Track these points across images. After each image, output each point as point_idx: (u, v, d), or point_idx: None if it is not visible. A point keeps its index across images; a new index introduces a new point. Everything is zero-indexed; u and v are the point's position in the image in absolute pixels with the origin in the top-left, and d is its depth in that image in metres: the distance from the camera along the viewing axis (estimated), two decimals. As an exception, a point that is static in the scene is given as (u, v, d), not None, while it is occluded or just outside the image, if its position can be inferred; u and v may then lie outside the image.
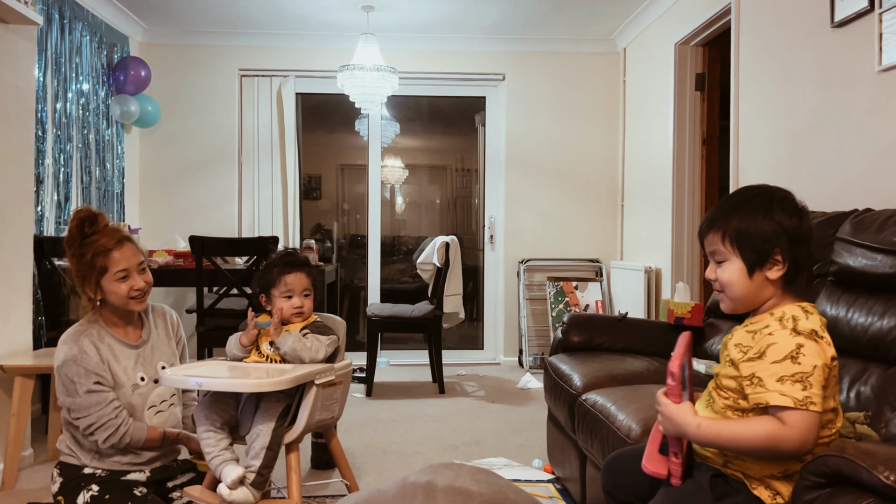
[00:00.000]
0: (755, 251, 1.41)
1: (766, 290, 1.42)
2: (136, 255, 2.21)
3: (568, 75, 5.52)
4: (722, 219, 1.45)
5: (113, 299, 2.17)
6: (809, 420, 1.28)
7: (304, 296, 2.25)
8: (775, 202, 1.43)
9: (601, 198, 5.54)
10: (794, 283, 1.42)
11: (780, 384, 1.30)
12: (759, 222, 1.41)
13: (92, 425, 2.08)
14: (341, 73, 4.57)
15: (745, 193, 1.49)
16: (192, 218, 5.25)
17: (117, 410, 2.11)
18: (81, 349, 2.12)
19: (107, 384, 2.13)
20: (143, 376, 2.21)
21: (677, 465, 1.43)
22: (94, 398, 2.08)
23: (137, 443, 2.15)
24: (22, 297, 3.05)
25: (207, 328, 3.82)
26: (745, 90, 3.51)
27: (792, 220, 1.41)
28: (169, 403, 2.27)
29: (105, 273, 2.14)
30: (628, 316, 3.16)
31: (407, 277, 6.85)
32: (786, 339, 1.33)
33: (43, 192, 3.83)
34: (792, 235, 1.40)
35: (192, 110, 5.31)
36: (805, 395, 1.28)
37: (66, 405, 2.12)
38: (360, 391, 4.44)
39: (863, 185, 2.63)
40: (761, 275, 1.41)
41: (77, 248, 2.16)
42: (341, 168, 7.45)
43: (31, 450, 3.05)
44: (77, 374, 2.09)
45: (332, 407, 2.18)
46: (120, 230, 2.23)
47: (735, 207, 1.45)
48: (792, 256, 1.40)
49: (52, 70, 3.96)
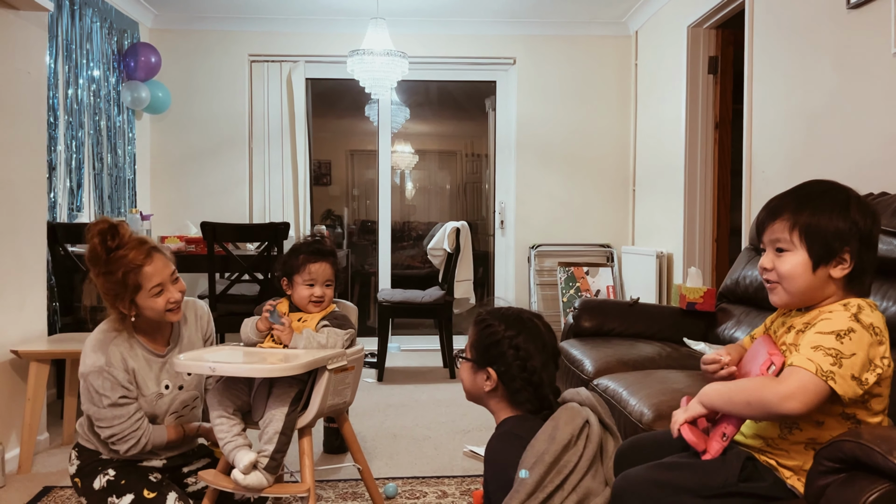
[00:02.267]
0: (825, 247, 1.36)
1: (826, 288, 1.39)
2: (167, 265, 2.12)
3: (579, 59, 5.48)
4: (792, 209, 1.40)
5: (149, 314, 2.10)
6: (814, 385, 1.24)
7: (326, 286, 2.24)
8: (852, 200, 1.39)
9: (612, 182, 5.51)
10: (856, 285, 1.39)
11: (814, 351, 1.27)
12: (834, 218, 1.36)
13: (114, 436, 2.07)
14: (351, 58, 4.55)
15: (820, 186, 1.44)
16: (203, 204, 5.27)
17: (139, 422, 2.09)
18: (109, 361, 2.07)
19: (131, 396, 2.10)
20: (167, 384, 2.19)
21: (721, 445, 1.42)
22: (117, 411, 2.06)
23: (159, 446, 2.14)
24: (36, 283, 3.07)
25: (220, 314, 3.83)
26: (759, 73, 3.47)
27: (867, 222, 1.38)
28: (191, 408, 2.26)
29: (139, 290, 2.05)
30: (640, 301, 3.15)
31: (417, 263, 6.86)
32: (841, 319, 1.31)
33: (55, 178, 3.84)
34: (864, 236, 1.37)
35: (202, 96, 5.31)
36: (830, 370, 1.24)
37: (90, 413, 2.09)
38: (371, 376, 4.46)
39: (877, 169, 2.61)
40: (825, 271, 1.37)
41: (103, 266, 2.04)
42: (351, 153, 7.44)
43: (46, 434, 3.09)
44: (103, 387, 2.05)
45: (345, 392, 2.19)
46: (146, 240, 2.13)
47: (808, 199, 1.40)
48: (859, 257, 1.37)
49: (63, 57, 3.96)
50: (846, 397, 1.26)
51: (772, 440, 1.41)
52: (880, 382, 1.31)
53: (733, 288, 2.97)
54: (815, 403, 1.25)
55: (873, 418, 1.33)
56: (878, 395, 1.33)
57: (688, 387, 2.11)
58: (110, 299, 2.08)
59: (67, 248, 3.53)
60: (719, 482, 1.37)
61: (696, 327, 3.01)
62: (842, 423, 1.33)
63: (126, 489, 2.07)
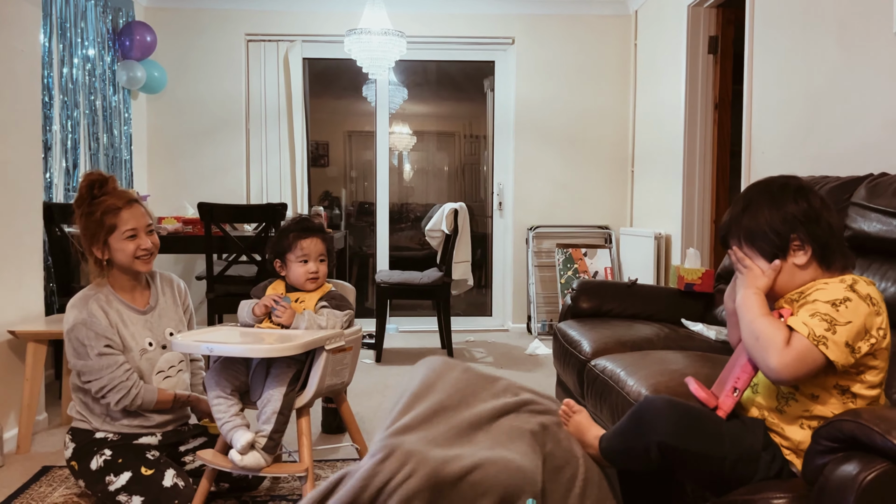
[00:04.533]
0: (772, 245, 1.41)
1: (802, 275, 1.42)
2: (144, 216, 2.24)
3: (578, 39, 5.43)
4: (734, 226, 1.47)
5: (120, 257, 2.19)
6: (809, 354, 1.28)
7: (320, 261, 2.25)
8: (776, 192, 1.44)
9: (611, 164, 5.49)
10: (830, 259, 1.41)
11: (810, 317, 1.31)
12: (766, 217, 1.42)
13: (104, 388, 2.10)
14: (348, 38, 4.51)
15: (748, 193, 1.50)
16: (200, 185, 5.24)
17: (129, 373, 2.13)
18: (91, 313, 2.14)
19: (116, 347, 2.15)
20: (150, 341, 2.23)
21: (732, 401, 1.43)
22: (104, 361, 2.10)
23: (149, 404, 2.17)
24: (33, 263, 3.06)
25: (217, 295, 3.83)
26: (760, 52, 3.45)
27: (799, 204, 1.41)
28: (177, 369, 2.29)
29: (114, 231, 2.17)
30: (638, 282, 3.15)
31: (415, 244, 6.84)
32: (837, 289, 1.34)
33: (51, 158, 3.82)
34: (804, 218, 1.40)
35: (198, 76, 5.27)
36: (823, 334, 1.28)
37: (77, 368, 2.14)
38: (369, 357, 4.47)
39: (879, 150, 2.59)
40: (788, 264, 1.42)
41: (86, 207, 2.19)
42: (349, 135, 7.40)
43: (45, 414, 3.09)
44: (87, 336, 2.11)
45: (343, 372, 2.19)
46: (129, 192, 2.26)
47: (742, 209, 1.47)
48: (812, 237, 1.39)
49: (57, 35, 3.92)
50: (839, 364, 1.29)
51: (770, 411, 1.42)
52: (875, 354, 1.33)
53: (731, 269, 2.96)
54: (808, 373, 1.30)
55: (869, 391, 1.34)
56: (874, 367, 1.34)
57: (685, 367, 2.11)
58: (87, 241, 2.20)
59: (64, 229, 3.51)
60: (748, 445, 1.39)
61: (694, 308, 3.01)
62: (836, 396, 1.35)
63: (123, 467, 2.08)
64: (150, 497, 2.03)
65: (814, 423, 1.36)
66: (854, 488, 1.14)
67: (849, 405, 1.34)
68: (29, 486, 2.41)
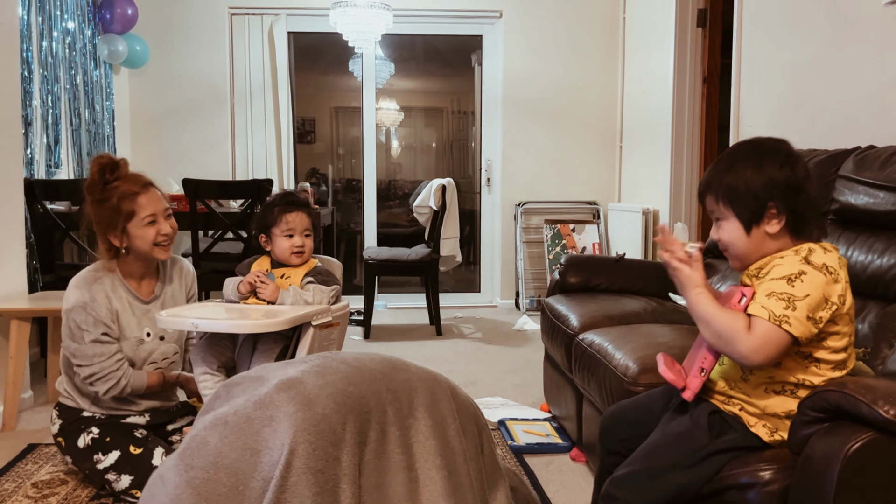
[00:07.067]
0: (748, 208, 1.39)
1: (771, 245, 1.40)
2: (160, 200, 2.17)
3: (566, 12, 5.38)
4: (717, 179, 1.44)
5: (139, 244, 2.12)
6: (774, 335, 1.28)
7: (305, 235, 2.23)
8: (763, 155, 1.41)
9: (599, 139, 5.47)
10: (802, 231, 1.39)
11: (767, 298, 1.31)
12: (748, 178, 1.39)
13: (93, 375, 2.07)
14: (334, 11, 4.45)
15: (736, 151, 1.47)
16: (185, 161, 5.17)
17: (119, 363, 2.09)
18: (93, 297, 2.09)
19: (113, 335, 2.10)
20: (149, 331, 2.19)
21: (699, 381, 1.43)
22: (98, 349, 2.06)
23: (138, 391, 2.14)
24: (15, 241, 3.02)
25: (203, 272, 3.80)
26: (748, 25, 3.42)
27: (783, 171, 1.38)
28: (170, 362, 2.26)
29: (132, 217, 2.09)
30: (626, 257, 3.15)
31: (403, 221, 6.82)
32: (792, 264, 1.33)
33: (31, 134, 3.75)
34: (785, 186, 1.38)
35: (181, 50, 5.18)
36: (783, 313, 1.28)
37: (70, 350, 2.10)
38: (358, 334, 4.46)
39: (867, 122, 2.59)
40: (759, 231, 1.39)
41: (99, 193, 2.09)
42: (335, 111, 7.33)
43: (30, 392, 3.07)
44: (85, 322, 2.06)
45: (330, 348, 2.18)
46: (142, 175, 2.17)
47: (727, 166, 1.44)
48: (789, 207, 1.37)
49: (35, 7, 3.84)
50: (804, 339, 1.29)
51: (734, 382, 1.43)
52: (836, 320, 1.33)
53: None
54: (778, 353, 1.31)
55: (833, 356, 1.34)
56: (836, 332, 1.34)
57: (672, 340, 2.11)
58: (103, 228, 2.10)
59: (46, 206, 3.46)
60: (696, 447, 1.40)
61: (681, 282, 3.01)
62: (798, 361, 1.35)
63: (111, 446, 2.07)
64: (139, 476, 2.02)
65: (777, 387, 1.37)
66: (840, 458, 1.15)
67: (812, 369, 1.35)
68: (15, 463, 2.40)
